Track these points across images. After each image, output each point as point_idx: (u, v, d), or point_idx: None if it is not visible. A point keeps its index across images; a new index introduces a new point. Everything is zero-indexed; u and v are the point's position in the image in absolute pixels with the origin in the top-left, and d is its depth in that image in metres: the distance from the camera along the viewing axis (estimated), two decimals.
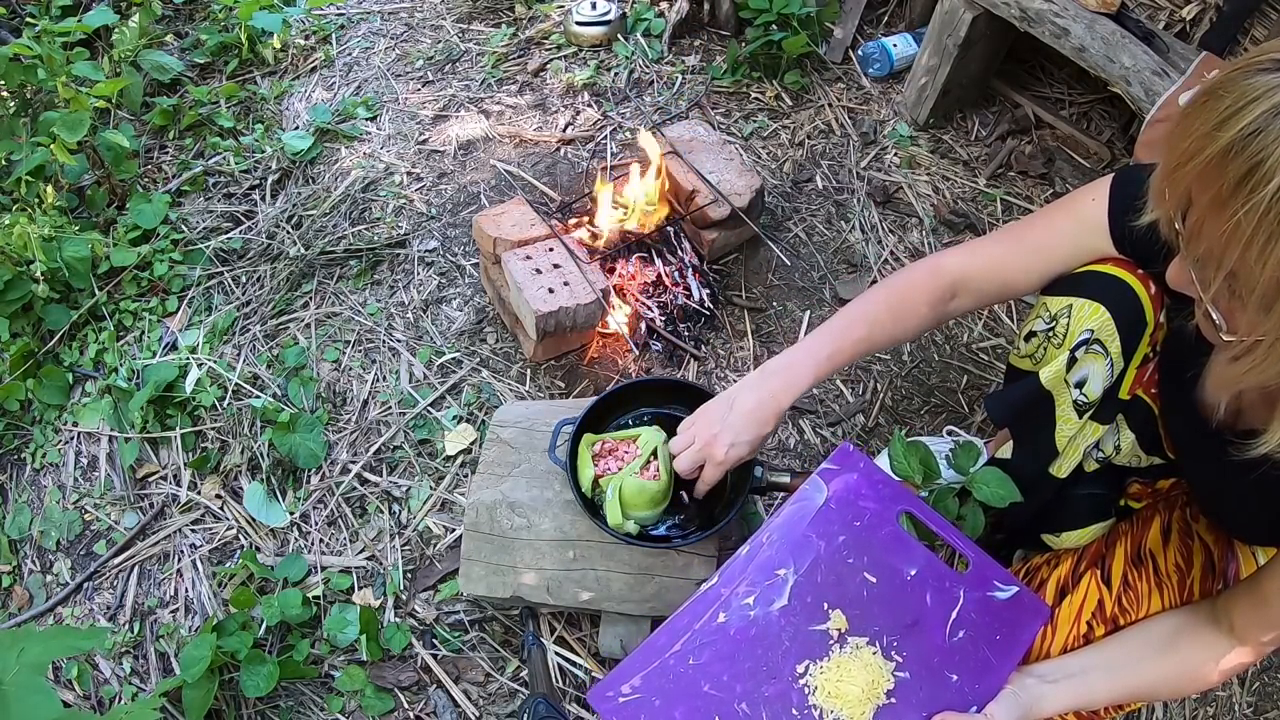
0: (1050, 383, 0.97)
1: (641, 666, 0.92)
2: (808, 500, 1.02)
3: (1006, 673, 0.90)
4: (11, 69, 1.72)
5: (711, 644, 0.93)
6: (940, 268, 1.06)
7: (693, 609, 0.96)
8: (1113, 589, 0.97)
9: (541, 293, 1.46)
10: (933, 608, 0.94)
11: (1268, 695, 1.37)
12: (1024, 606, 0.95)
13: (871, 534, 0.99)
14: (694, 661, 0.92)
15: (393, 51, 2.31)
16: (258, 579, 1.42)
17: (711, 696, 0.90)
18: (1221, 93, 0.59)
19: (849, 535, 0.99)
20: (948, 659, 0.91)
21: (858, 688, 0.89)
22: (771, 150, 2.02)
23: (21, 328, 1.72)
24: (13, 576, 1.53)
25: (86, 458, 1.63)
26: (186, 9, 2.45)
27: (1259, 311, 0.61)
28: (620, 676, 0.92)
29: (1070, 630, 0.96)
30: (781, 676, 0.91)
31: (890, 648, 0.92)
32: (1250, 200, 0.57)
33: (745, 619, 0.94)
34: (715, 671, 0.91)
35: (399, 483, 1.52)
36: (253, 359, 1.67)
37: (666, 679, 0.91)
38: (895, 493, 1.03)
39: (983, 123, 2.10)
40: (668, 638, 0.94)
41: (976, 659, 0.91)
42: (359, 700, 1.30)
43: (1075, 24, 1.66)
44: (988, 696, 0.88)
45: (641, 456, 1.16)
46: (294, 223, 1.88)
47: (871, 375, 1.64)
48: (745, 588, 0.96)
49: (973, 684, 0.89)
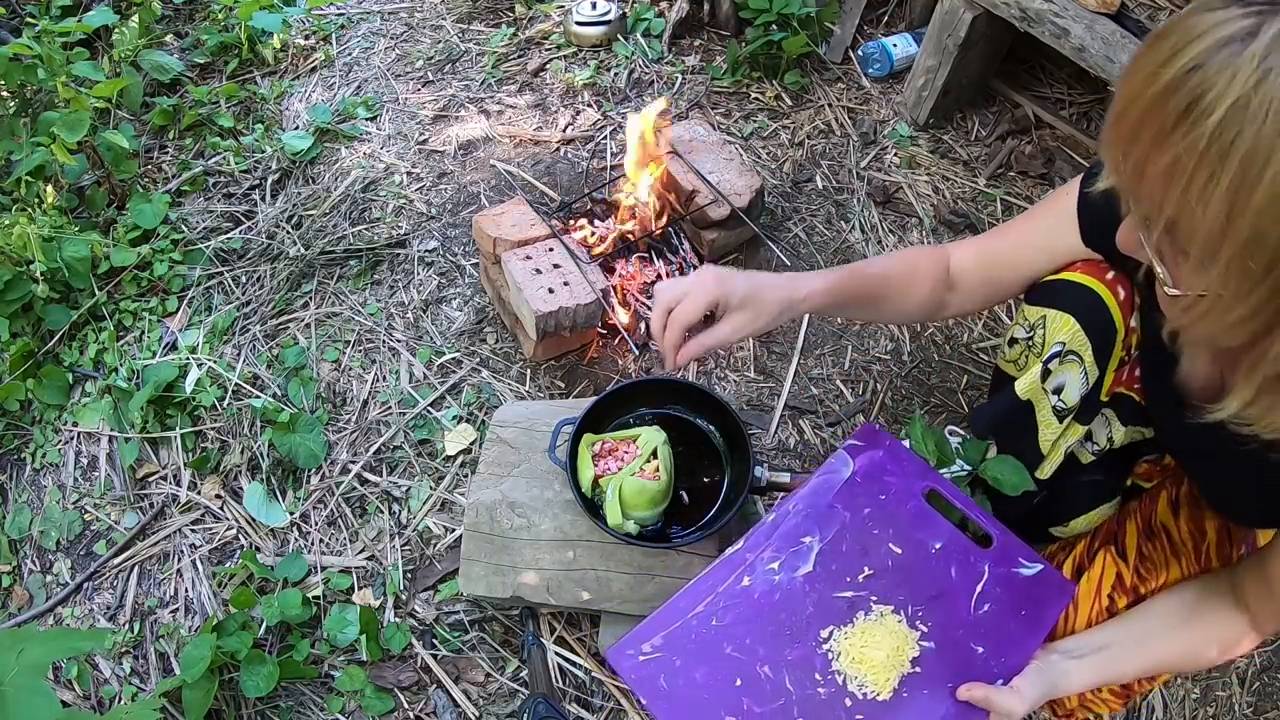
0: (1026, 393, 0.99)
1: (662, 626, 0.91)
2: (834, 473, 1.02)
3: (1032, 648, 0.89)
4: (11, 69, 1.72)
5: (735, 606, 0.92)
6: (944, 252, 1.07)
7: (716, 572, 0.95)
8: (1129, 562, 0.96)
9: (541, 293, 1.46)
10: (957, 581, 0.93)
11: (1267, 695, 1.37)
12: (1049, 584, 0.94)
13: (897, 508, 0.99)
14: (717, 623, 0.91)
15: (393, 51, 2.31)
16: (258, 579, 1.42)
17: (733, 659, 0.89)
18: (1167, 33, 0.58)
19: (874, 508, 0.99)
20: (973, 631, 0.90)
21: (883, 653, 0.88)
22: (771, 150, 2.02)
23: (21, 328, 1.72)
24: (13, 576, 1.53)
25: (86, 458, 1.63)
26: (186, 9, 2.45)
27: (1201, 263, 0.59)
28: (641, 635, 0.91)
29: (1092, 606, 0.96)
30: (805, 641, 0.90)
31: (915, 617, 0.91)
32: (1190, 135, 0.54)
33: (770, 583, 0.94)
34: (738, 634, 0.90)
35: (399, 483, 1.52)
36: (253, 359, 1.67)
37: (688, 639, 0.90)
38: (920, 470, 1.03)
39: (983, 123, 2.10)
40: (690, 599, 0.93)
41: (1002, 633, 0.90)
42: (359, 700, 1.30)
43: (1075, 24, 1.66)
44: (1013, 671, 0.87)
45: (641, 456, 1.17)
46: (294, 223, 1.88)
47: (871, 375, 1.64)
48: (770, 553, 0.96)
49: (998, 657, 0.88)
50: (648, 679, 0.88)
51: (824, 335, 1.69)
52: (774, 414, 1.58)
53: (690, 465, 1.25)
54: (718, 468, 1.26)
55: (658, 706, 0.87)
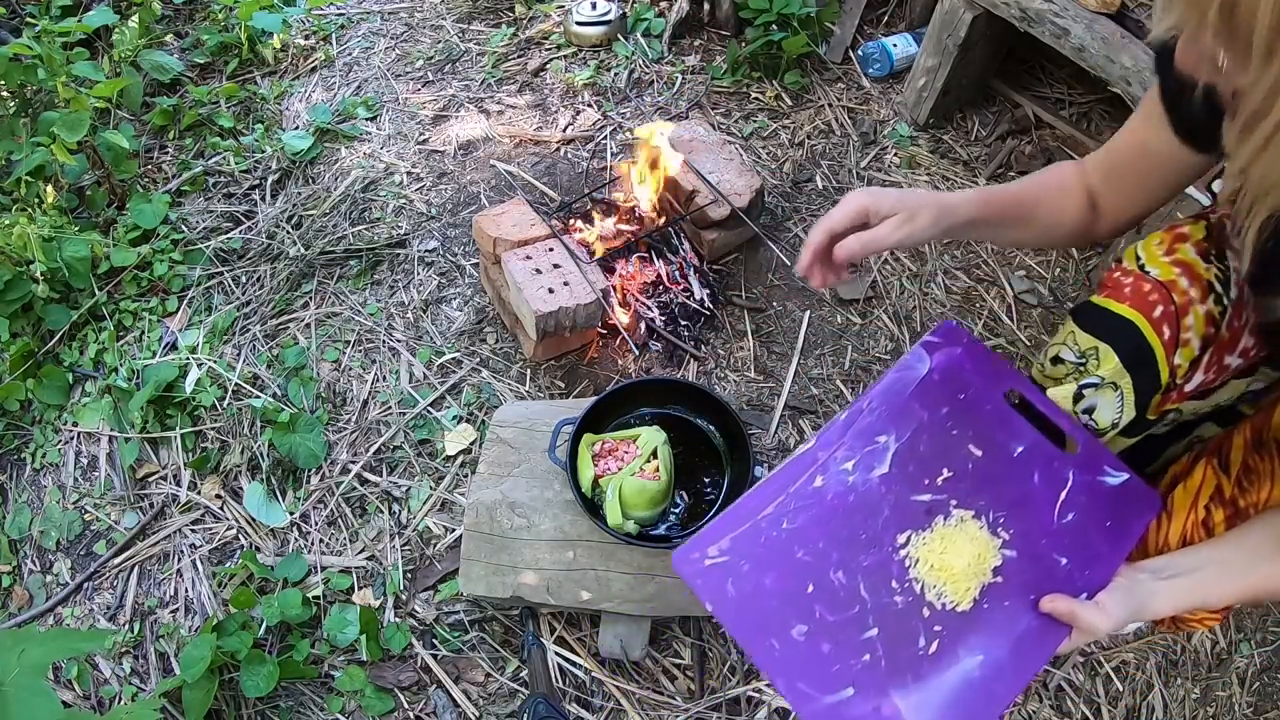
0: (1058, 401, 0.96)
1: (730, 529, 0.86)
2: (910, 370, 0.95)
3: (1116, 562, 0.84)
4: (11, 69, 1.72)
5: (807, 508, 0.86)
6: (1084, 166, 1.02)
7: (787, 471, 0.89)
8: (1231, 474, 0.90)
9: (541, 293, 1.46)
10: (1040, 487, 0.88)
11: (1268, 695, 1.37)
12: (1135, 494, 0.89)
13: (976, 408, 0.93)
14: (788, 525, 0.85)
15: (393, 51, 2.31)
16: (258, 579, 1.42)
17: (805, 563, 0.84)
18: None
19: (953, 407, 0.93)
20: (1056, 541, 0.85)
21: (963, 561, 0.83)
22: (771, 150, 2.02)
23: (21, 328, 1.72)
24: (13, 576, 1.53)
25: (86, 458, 1.63)
26: (186, 9, 2.45)
27: (1262, 59, 0.58)
28: (707, 538, 0.85)
29: (1187, 517, 0.91)
30: (881, 546, 0.85)
31: (996, 524, 0.85)
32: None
33: (844, 485, 0.88)
34: (810, 537, 0.85)
35: (399, 483, 1.52)
36: (253, 359, 1.67)
37: (757, 543, 0.85)
38: (1001, 370, 0.97)
39: (983, 123, 2.10)
40: (759, 500, 0.87)
41: (1086, 545, 0.85)
42: (359, 700, 1.30)
43: (1075, 24, 1.66)
44: (1097, 585, 0.82)
45: (641, 456, 1.17)
46: (294, 223, 1.88)
47: (871, 375, 1.64)
48: (843, 452, 0.90)
49: (1082, 570, 0.83)
50: (714, 585, 0.83)
51: (824, 335, 1.69)
52: (774, 414, 1.58)
53: (690, 465, 1.25)
54: (718, 468, 1.26)
55: (725, 614, 0.82)
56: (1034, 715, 1.31)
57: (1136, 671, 1.36)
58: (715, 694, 1.29)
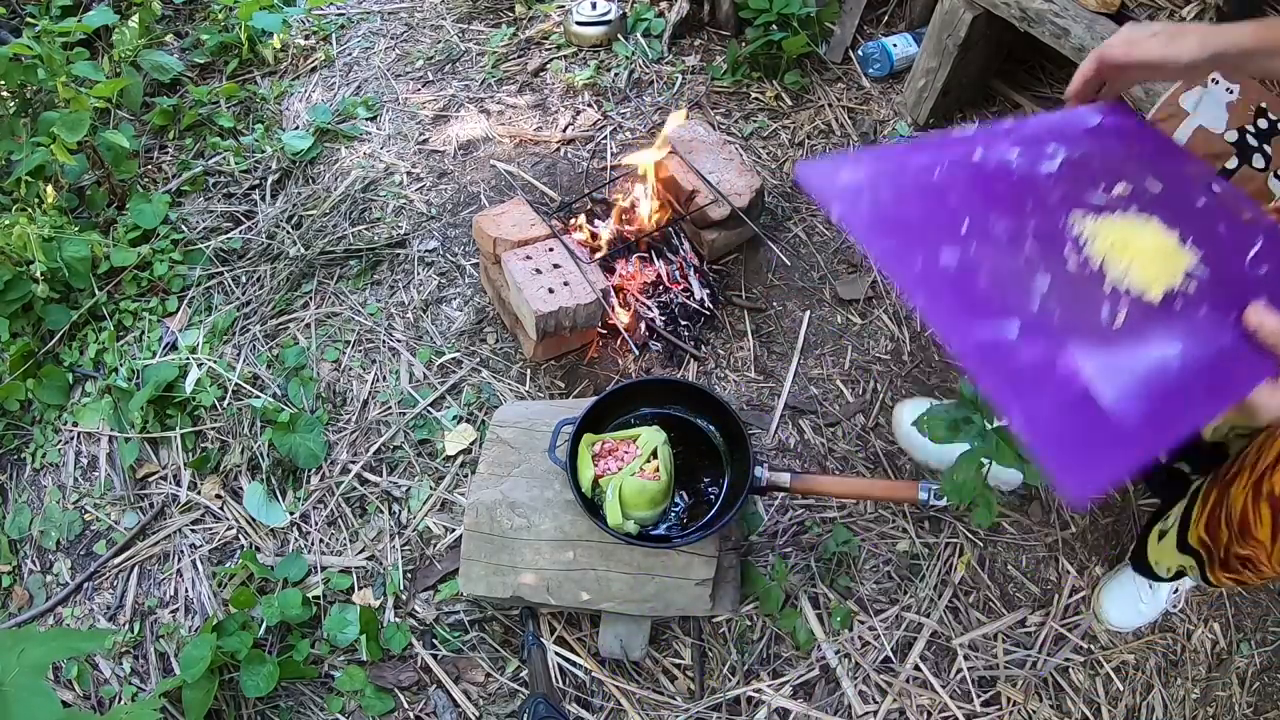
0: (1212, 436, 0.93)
1: (869, 161, 0.73)
2: (1078, 117, 0.85)
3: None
4: (11, 69, 1.72)
5: (963, 172, 0.73)
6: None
7: (939, 143, 0.77)
8: None
9: (541, 293, 1.46)
10: (1227, 237, 0.73)
11: (1267, 695, 1.37)
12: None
13: (1154, 161, 0.80)
14: (940, 175, 0.72)
15: (393, 51, 2.31)
16: (258, 579, 1.42)
17: (958, 209, 0.69)
18: None
19: (1129, 151, 0.80)
20: (1252, 284, 0.69)
21: (1151, 245, 0.69)
22: (771, 150, 2.02)
23: (21, 328, 1.72)
24: (13, 576, 1.53)
25: (86, 458, 1.63)
26: (186, 9, 2.45)
27: None
28: (838, 162, 0.73)
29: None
30: (1052, 216, 0.70)
31: (1186, 239, 0.70)
32: None
33: (1006, 165, 0.74)
34: (965, 191, 0.72)
35: (399, 483, 1.52)
36: (253, 359, 1.67)
37: (902, 177, 0.71)
38: (1174, 149, 0.85)
39: (983, 123, 2.10)
40: (904, 152, 0.75)
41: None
42: (359, 700, 1.30)
43: (1075, 24, 1.66)
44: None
45: (641, 456, 1.17)
46: (294, 223, 1.88)
47: (871, 375, 1.64)
48: (1008, 144, 0.76)
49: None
50: (843, 195, 0.69)
51: (824, 335, 1.69)
52: (774, 414, 1.58)
53: (690, 465, 1.25)
54: (718, 468, 1.26)
55: (851, 217, 0.68)
56: (1034, 715, 1.31)
57: (1136, 671, 1.36)
58: (715, 694, 1.29)
